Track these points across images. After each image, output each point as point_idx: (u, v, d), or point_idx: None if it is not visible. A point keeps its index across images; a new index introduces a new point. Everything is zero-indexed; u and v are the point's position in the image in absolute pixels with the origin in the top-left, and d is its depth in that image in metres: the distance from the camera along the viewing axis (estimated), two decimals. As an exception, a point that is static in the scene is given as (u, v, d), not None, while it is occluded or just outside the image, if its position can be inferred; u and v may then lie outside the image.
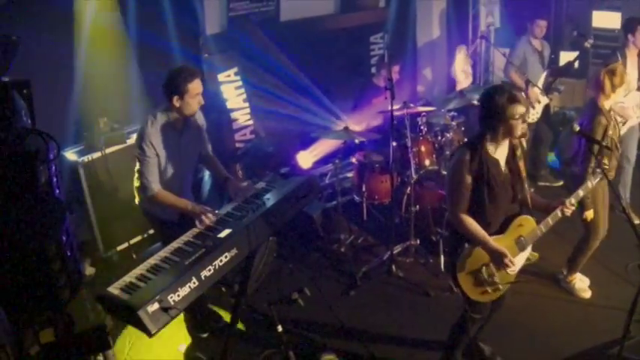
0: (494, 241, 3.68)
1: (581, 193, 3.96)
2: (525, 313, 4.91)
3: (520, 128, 3.58)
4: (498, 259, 3.69)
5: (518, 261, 3.81)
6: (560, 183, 7.20)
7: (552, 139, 7.46)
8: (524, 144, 3.79)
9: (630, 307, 3.24)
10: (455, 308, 4.78)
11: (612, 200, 5.12)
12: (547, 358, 4.52)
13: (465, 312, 3.97)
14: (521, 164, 3.79)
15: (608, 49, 7.32)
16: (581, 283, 5.28)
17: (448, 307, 5.05)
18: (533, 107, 6.97)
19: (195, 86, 4.19)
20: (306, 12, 7.53)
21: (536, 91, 6.92)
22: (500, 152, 3.72)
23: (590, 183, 4.01)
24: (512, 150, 3.76)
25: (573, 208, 3.88)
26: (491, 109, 3.56)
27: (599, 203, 4.84)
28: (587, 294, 5.23)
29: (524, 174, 3.80)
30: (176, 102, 4.22)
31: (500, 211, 3.77)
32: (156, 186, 4.27)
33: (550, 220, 3.86)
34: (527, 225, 3.85)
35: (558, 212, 3.84)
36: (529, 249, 3.93)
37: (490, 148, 3.68)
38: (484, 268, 3.75)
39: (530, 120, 6.95)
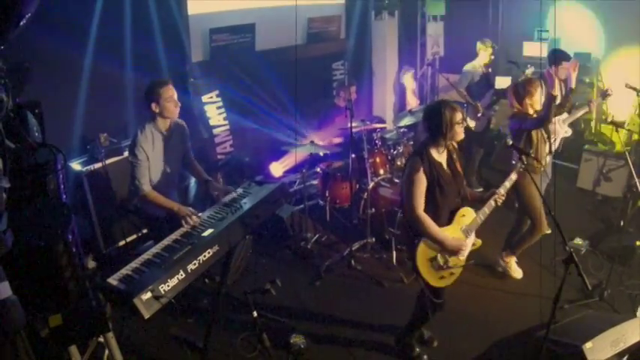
0: (445, 231, 3.76)
1: (507, 184, 4.05)
2: (463, 301, 4.91)
3: (461, 132, 3.72)
4: (453, 252, 3.78)
5: (466, 247, 3.91)
6: (481, 189, 7.22)
7: (482, 151, 7.60)
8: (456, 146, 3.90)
9: (555, 296, 3.30)
10: (405, 296, 4.88)
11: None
12: (482, 340, 4.55)
13: (426, 299, 3.95)
14: (458, 165, 3.90)
15: (536, 74, 7.46)
16: (516, 265, 5.41)
17: (399, 296, 5.18)
18: (478, 119, 7.14)
19: (167, 90, 4.25)
20: (278, 43, 7.57)
21: (478, 108, 7.07)
22: (441, 156, 3.81)
23: (514, 176, 4.10)
24: (449, 154, 3.87)
25: (503, 197, 3.99)
26: (437, 118, 3.67)
27: (536, 199, 4.97)
28: (519, 274, 5.38)
29: (462, 172, 3.91)
30: (155, 108, 4.28)
31: (448, 204, 3.85)
32: (147, 187, 4.31)
33: (487, 209, 3.95)
34: (468, 215, 3.93)
35: (492, 202, 3.95)
36: (473, 235, 3.98)
37: (434, 153, 3.76)
38: (439, 255, 3.78)
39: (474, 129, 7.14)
